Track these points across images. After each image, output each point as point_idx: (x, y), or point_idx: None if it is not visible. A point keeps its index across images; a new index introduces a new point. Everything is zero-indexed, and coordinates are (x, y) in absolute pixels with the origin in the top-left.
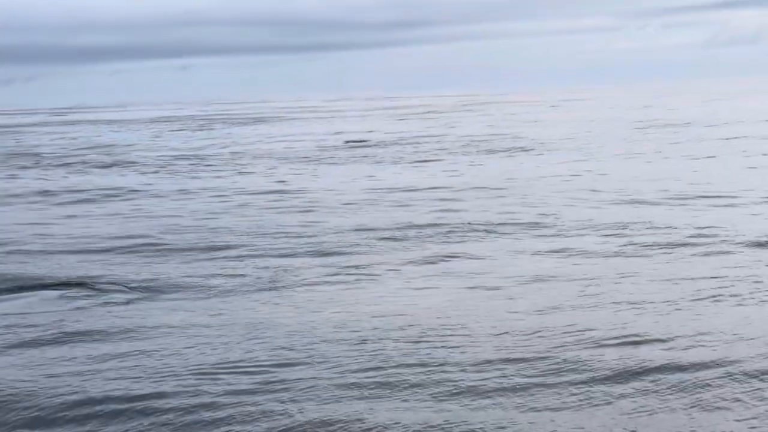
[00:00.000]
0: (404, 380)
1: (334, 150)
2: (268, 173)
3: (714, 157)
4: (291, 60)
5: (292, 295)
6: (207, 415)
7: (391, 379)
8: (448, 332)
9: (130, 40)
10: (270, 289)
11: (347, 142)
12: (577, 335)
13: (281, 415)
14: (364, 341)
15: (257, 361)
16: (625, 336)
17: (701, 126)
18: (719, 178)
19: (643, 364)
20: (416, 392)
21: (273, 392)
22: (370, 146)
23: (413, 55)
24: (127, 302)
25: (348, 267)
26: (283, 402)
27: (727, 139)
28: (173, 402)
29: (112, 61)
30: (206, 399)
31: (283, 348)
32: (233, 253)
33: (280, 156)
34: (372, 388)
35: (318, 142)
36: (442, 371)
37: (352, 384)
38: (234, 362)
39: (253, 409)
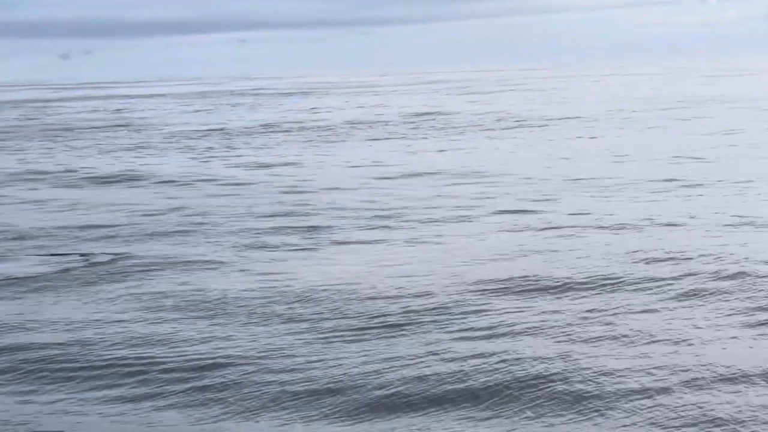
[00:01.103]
0: None
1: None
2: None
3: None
4: (345, 34)
5: None
6: None
7: None
8: None
9: (188, 14)
10: None
11: (419, 114)
12: None
13: None
14: None
15: None
16: None
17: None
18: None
19: None
20: None
21: None
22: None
23: (466, 29)
24: None
25: None
26: None
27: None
28: None
29: (169, 35)
30: None
31: None
32: None
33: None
34: None
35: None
36: None
37: None
38: None
39: None
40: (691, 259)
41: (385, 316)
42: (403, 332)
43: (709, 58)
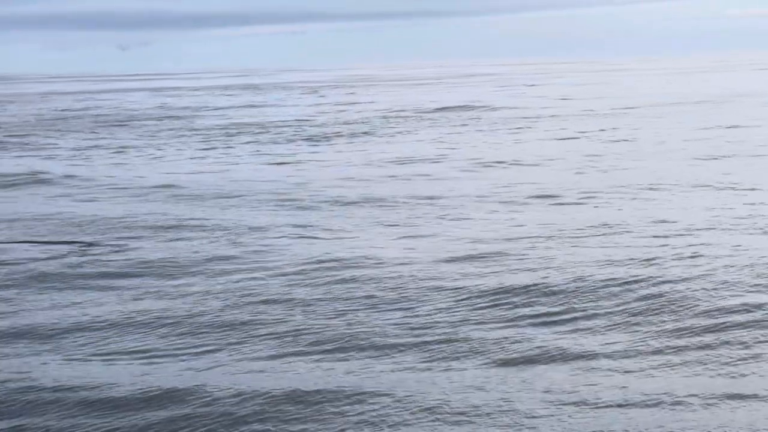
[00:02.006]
0: None
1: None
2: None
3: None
4: (401, 26)
5: None
6: None
7: None
8: None
9: (247, 6)
10: None
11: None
12: None
13: None
14: None
15: None
16: None
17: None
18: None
19: None
20: None
21: None
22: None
23: (520, 22)
24: None
25: None
26: None
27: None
28: None
29: (226, 27)
30: None
31: None
32: None
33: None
34: None
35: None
36: None
37: None
38: None
39: None
40: None
41: None
42: None
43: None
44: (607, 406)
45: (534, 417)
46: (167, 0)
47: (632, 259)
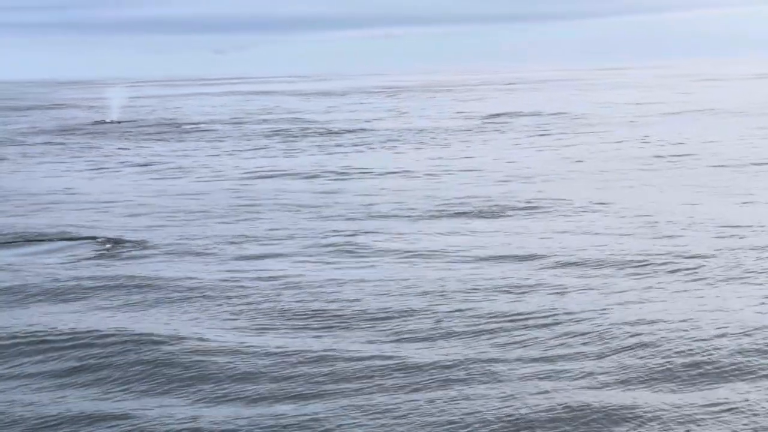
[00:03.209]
0: None
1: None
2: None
3: None
4: (491, 30)
5: None
6: None
7: None
8: None
9: (340, 10)
10: None
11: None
12: None
13: None
14: None
15: None
16: None
17: None
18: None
19: None
20: None
21: None
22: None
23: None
24: None
25: None
26: None
27: None
28: None
29: (318, 30)
30: None
31: None
32: None
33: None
34: None
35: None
36: None
37: None
38: None
39: None
40: None
41: None
42: None
43: None
44: None
45: None
46: (264, 4)
47: None
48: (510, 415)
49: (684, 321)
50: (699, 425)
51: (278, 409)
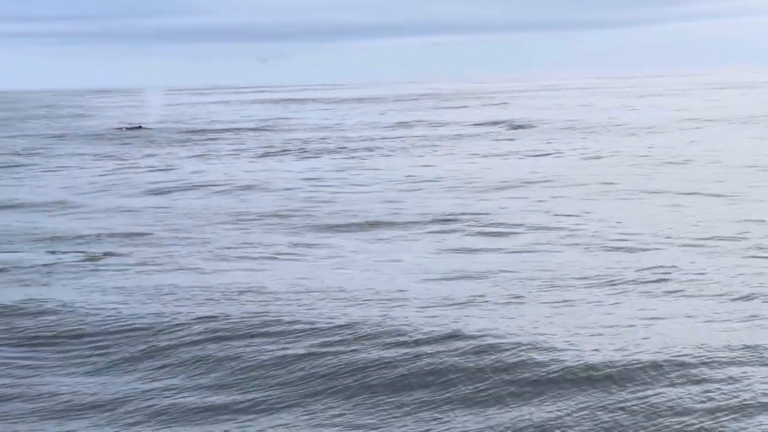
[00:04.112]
0: None
1: None
2: None
3: None
4: (540, 38)
5: None
6: None
7: None
8: None
9: (383, 18)
10: None
11: None
12: None
13: None
14: None
15: None
16: None
17: None
18: None
19: None
20: None
21: None
22: None
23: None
24: None
25: None
26: None
27: None
28: None
29: (361, 39)
30: None
31: None
32: None
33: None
34: None
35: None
36: None
37: None
38: None
39: None
40: None
41: None
42: None
43: None
44: None
45: None
46: (307, 13)
47: None
48: None
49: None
50: None
51: None
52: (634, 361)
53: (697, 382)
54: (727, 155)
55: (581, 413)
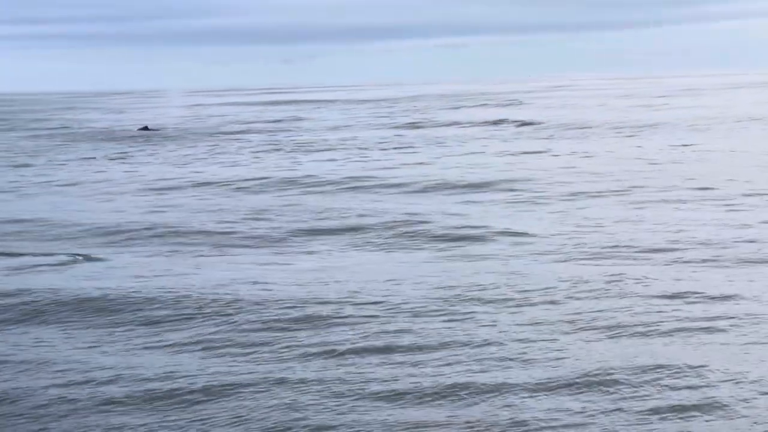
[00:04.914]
0: None
1: None
2: None
3: None
4: (560, 39)
5: None
6: None
7: None
8: None
9: (408, 19)
10: None
11: None
12: None
13: None
14: None
15: None
16: None
17: None
18: None
19: None
20: None
21: None
22: None
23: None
24: None
25: None
26: None
27: None
28: None
29: (389, 39)
30: None
31: None
32: None
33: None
34: None
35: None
36: None
37: None
38: None
39: None
40: None
41: None
42: None
43: None
44: None
45: None
46: (332, 14)
47: None
48: None
49: None
50: None
51: None
52: None
53: None
54: None
55: None
